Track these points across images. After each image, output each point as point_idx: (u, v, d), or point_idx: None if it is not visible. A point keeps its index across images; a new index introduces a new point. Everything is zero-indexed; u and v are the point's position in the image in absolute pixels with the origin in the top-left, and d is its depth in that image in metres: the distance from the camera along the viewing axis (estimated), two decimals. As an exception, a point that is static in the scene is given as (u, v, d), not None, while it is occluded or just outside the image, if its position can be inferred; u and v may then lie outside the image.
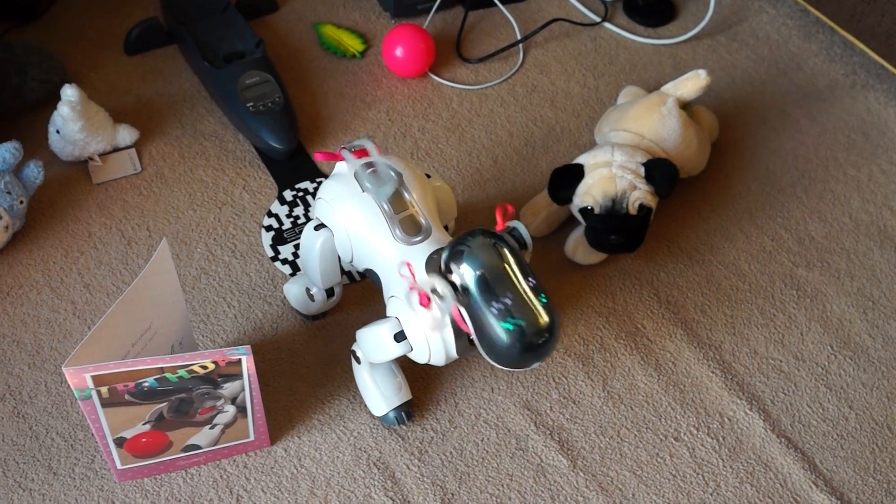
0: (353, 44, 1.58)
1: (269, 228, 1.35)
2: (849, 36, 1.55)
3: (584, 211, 1.29)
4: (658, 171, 1.28)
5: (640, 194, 1.27)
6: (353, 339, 1.24)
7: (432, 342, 1.02)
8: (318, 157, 1.11)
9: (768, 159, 1.48)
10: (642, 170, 1.28)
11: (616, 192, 1.26)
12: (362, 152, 1.11)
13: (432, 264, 1.01)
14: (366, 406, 1.18)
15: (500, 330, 0.95)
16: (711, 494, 1.14)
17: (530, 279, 0.97)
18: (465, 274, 0.96)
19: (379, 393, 1.15)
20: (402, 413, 1.16)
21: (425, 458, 1.15)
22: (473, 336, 0.98)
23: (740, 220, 1.40)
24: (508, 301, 0.95)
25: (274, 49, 1.56)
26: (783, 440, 1.19)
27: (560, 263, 1.34)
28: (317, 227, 1.12)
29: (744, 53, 1.63)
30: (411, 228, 1.06)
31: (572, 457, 1.16)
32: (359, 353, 1.14)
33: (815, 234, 1.39)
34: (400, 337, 1.04)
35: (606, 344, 1.26)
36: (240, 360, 1.00)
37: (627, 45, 1.63)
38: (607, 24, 1.65)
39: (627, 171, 1.27)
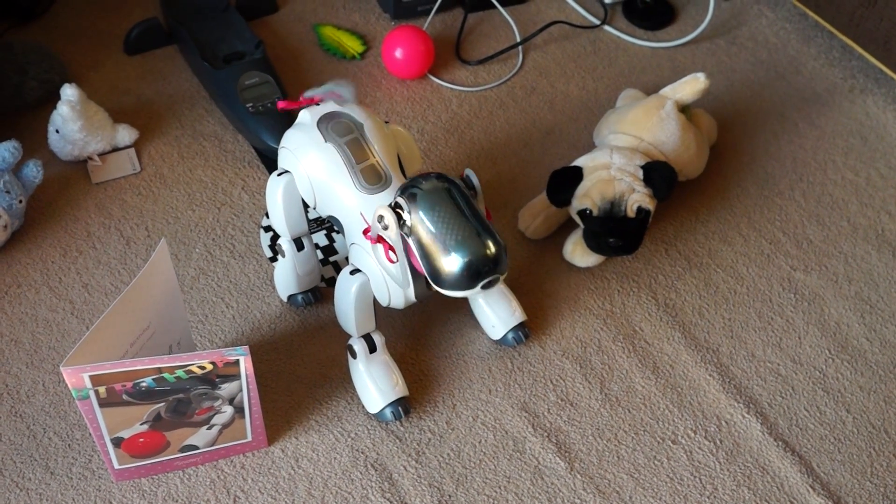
0: (352, 45, 1.58)
1: (267, 229, 1.35)
2: (847, 40, 1.56)
3: (583, 213, 1.29)
4: (656, 173, 1.28)
5: (638, 197, 1.27)
6: (351, 341, 1.24)
7: (389, 282, 1.07)
8: (280, 106, 1.15)
9: (766, 163, 1.48)
10: (641, 173, 1.28)
11: (614, 195, 1.27)
12: (317, 98, 1.15)
13: None
14: (363, 407, 1.18)
15: (446, 258, 1.01)
16: (709, 497, 1.14)
17: (478, 214, 1.02)
18: (415, 207, 1.01)
19: (375, 387, 1.15)
20: (399, 408, 1.16)
21: (423, 460, 1.15)
22: (422, 267, 1.03)
23: (738, 223, 1.40)
24: (455, 231, 1.00)
25: (273, 50, 1.56)
26: (780, 443, 1.19)
27: (558, 265, 1.34)
28: (279, 175, 1.15)
29: (742, 57, 1.63)
30: (372, 178, 1.10)
31: (569, 459, 1.16)
32: (355, 347, 1.15)
33: (813, 237, 1.39)
34: (356, 271, 1.09)
35: (604, 346, 1.26)
36: (238, 361, 1.01)
37: (626, 48, 1.63)
38: (606, 27, 1.66)
39: (626, 174, 1.27)
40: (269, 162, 1.42)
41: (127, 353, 1.04)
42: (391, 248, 1.03)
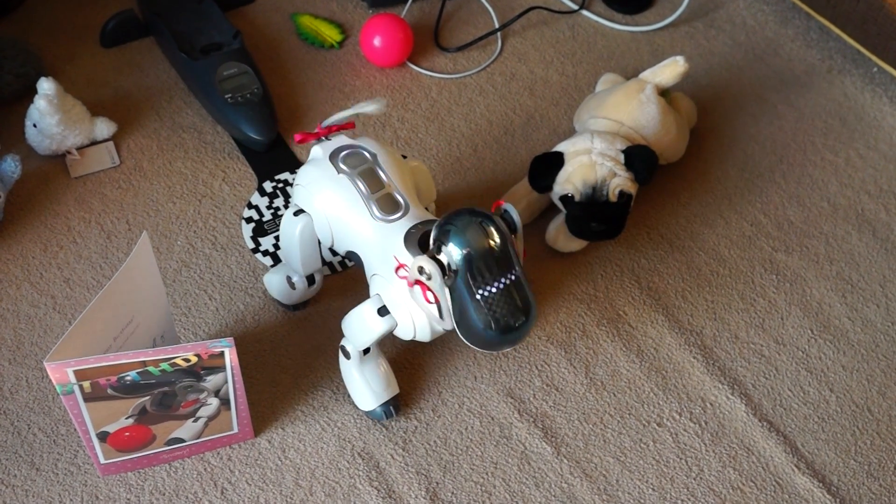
0: (330, 34, 1.57)
1: (249, 220, 1.35)
2: (825, 21, 1.56)
3: (565, 198, 1.29)
4: (637, 157, 1.28)
5: (619, 181, 1.27)
6: (336, 331, 1.23)
7: (416, 316, 1.04)
8: (297, 140, 1.12)
9: (747, 145, 1.48)
10: (622, 157, 1.28)
11: (596, 180, 1.27)
12: (334, 128, 1.12)
13: (411, 239, 1.03)
14: (349, 397, 1.18)
15: (477, 315, 0.97)
16: (695, 479, 1.15)
17: (513, 263, 0.98)
18: (453, 253, 0.97)
19: (368, 388, 1.15)
20: (390, 407, 1.16)
21: (409, 448, 1.15)
22: (450, 317, 1.00)
23: (719, 205, 1.41)
24: (489, 285, 0.96)
25: (251, 40, 1.55)
26: (765, 424, 1.20)
27: (541, 251, 1.34)
28: (296, 213, 1.13)
29: (721, 40, 1.64)
30: (389, 206, 1.07)
31: (556, 444, 1.17)
32: (348, 348, 1.13)
33: (793, 218, 1.40)
34: (383, 311, 1.05)
35: (588, 331, 1.27)
36: (223, 353, 1.00)
37: (605, 33, 1.63)
38: (585, 12, 1.66)
39: (607, 159, 1.27)
40: (249, 152, 1.41)
41: (111, 348, 1.03)
42: (429, 289, 0.99)
